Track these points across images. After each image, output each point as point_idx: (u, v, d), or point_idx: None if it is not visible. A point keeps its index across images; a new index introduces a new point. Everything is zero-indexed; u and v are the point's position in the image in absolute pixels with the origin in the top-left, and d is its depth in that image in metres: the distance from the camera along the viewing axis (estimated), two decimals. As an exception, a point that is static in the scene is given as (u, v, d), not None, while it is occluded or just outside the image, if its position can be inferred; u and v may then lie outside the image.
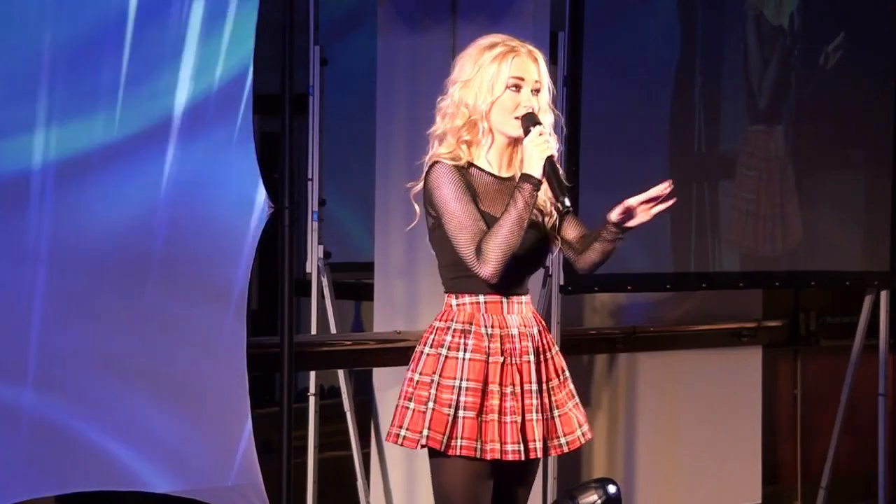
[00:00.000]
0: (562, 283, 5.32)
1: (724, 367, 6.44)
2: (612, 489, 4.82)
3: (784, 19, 6.01)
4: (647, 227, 5.58)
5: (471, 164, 3.46)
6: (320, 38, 6.01)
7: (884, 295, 6.40)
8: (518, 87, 3.43)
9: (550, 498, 5.39)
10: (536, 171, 3.36)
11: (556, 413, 3.47)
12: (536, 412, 3.41)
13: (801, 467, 7.38)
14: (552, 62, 5.36)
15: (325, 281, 5.97)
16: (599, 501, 4.74)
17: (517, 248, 3.35)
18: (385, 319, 5.94)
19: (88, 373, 4.35)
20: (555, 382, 3.49)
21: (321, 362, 5.65)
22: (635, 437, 6.18)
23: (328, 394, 6.48)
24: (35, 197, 4.25)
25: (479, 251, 3.33)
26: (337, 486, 6.13)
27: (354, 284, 6.72)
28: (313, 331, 6.05)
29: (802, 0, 6.03)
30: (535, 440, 3.40)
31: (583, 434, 3.52)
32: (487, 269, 3.34)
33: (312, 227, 5.94)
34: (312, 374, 5.93)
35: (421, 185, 3.47)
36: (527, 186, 3.35)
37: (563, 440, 3.48)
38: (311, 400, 5.89)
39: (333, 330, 6.04)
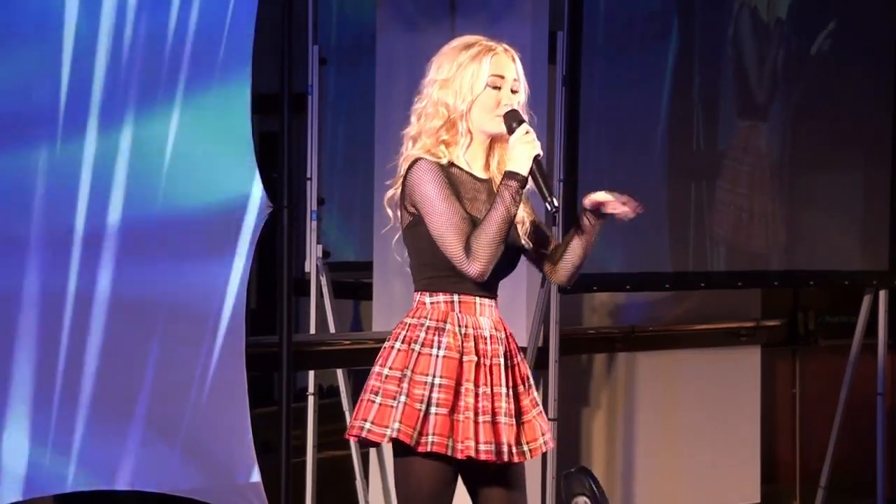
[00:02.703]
0: (560, 282, 5.31)
1: (722, 367, 6.45)
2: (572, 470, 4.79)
3: (779, 14, 6.02)
4: (645, 227, 5.63)
5: (451, 164, 3.43)
6: (319, 37, 6.02)
7: (882, 294, 6.40)
8: (498, 86, 3.41)
9: (549, 498, 5.39)
10: (523, 168, 3.34)
11: (521, 419, 3.44)
12: (506, 416, 3.38)
13: (799, 466, 7.39)
14: (551, 62, 5.37)
15: (323, 280, 5.97)
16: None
17: (503, 245, 3.33)
18: (384, 319, 5.94)
19: (86, 371, 4.35)
20: (521, 389, 3.46)
21: (320, 362, 5.65)
22: (634, 436, 6.18)
23: (327, 393, 6.48)
24: (33, 195, 4.26)
25: (468, 249, 3.31)
26: (336, 486, 6.13)
27: (353, 284, 6.72)
28: (312, 330, 6.05)
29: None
30: (503, 443, 3.36)
31: (544, 443, 3.49)
32: (477, 267, 3.32)
33: (311, 227, 5.94)
34: (311, 373, 5.94)
35: (397, 188, 3.45)
36: (513, 184, 3.32)
37: (525, 447, 3.45)
38: (310, 399, 5.89)
39: (332, 329, 6.04)
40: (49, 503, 4.91)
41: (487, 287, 3.43)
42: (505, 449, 3.37)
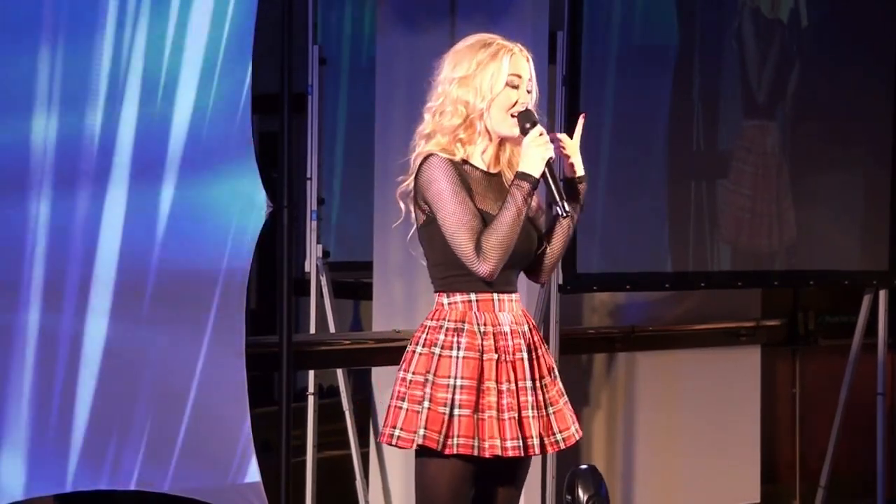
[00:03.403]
0: (560, 282, 5.32)
1: (722, 367, 6.45)
2: (583, 467, 4.79)
3: (781, 14, 6.02)
4: (646, 227, 5.63)
5: (465, 161, 3.43)
6: (319, 37, 6.02)
7: (882, 294, 6.40)
8: (516, 86, 3.41)
9: (549, 497, 5.39)
10: (536, 170, 3.34)
11: (550, 410, 3.46)
12: (532, 409, 3.39)
13: (799, 466, 7.38)
14: (551, 61, 5.36)
15: (323, 280, 5.98)
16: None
17: (513, 246, 3.34)
18: (384, 319, 5.94)
19: (86, 371, 4.35)
20: (547, 380, 3.48)
21: (320, 362, 5.65)
22: (634, 436, 6.18)
23: (327, 393, 6.49)
24: (32, 200, 4.26)
25: (479, 249, 3.32)
26: (336, 486, 6.13)
27: (353, 284, 6.72)
28: (312, 330, 6.05)
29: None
30: (532, 437, 3.39)
31: (576, 430, 3.53)
32: (487, 266, 3.33)
33: (311, 227, 5.94)
34: (311, 373, 5.94)
35: (410, 181, 3.43)
36: (525, 185, 3.33)
37: (559, 436, 3.48)
38: (310, 399, 5.89)
39: (332, 329, 6.04)
40: (49, 503, 4.91)
41: (505, 283, 3.44)
42: (533, 442, 3.39)
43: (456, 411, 3.33)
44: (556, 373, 3.53)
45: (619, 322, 6.23)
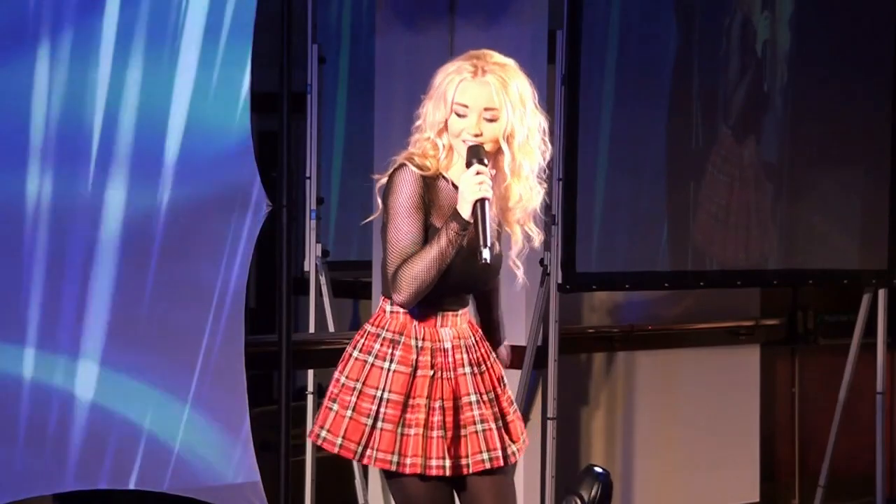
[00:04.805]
0: (560, 281, 5.32)
1: (721, 366, 6.45)
2: (598, 470, 4.80)
3: (778, 13, 6.02)
4: (645, 226, 5.63)
5: (440, 175, 3.38)
6: (318, 36, 6.02)
7: (882, 293, 6.40)
8: (461, 114, 3.32)
9: (549, 497, 5.40)
10: (465, 211, 3.27)
11: (500, 423, 3.43)
12: (482, 422, 3.37)
13: (798, 466, 7.39)
14: (550, 61, 5.36)
15: (323, 279, 5.98)
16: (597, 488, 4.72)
17: (434, 282, 3.28)
18: (383, 318, 5.93)
19: (85, 371, 4.35)
20: (498, 390, 3.45)
21: (319, 361, 5.65)
22: (633, 435, 6.18)
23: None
24: (31, 200, 4.26)
25: (394, 277, 3.28)
26: (335, 485, 6.14)
27: (352, 283, 6.72)
28: (311, 329, 6.06)
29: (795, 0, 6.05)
30: (467, 455, 3.35)
31: (523, 442, 3.49)
32: (399, 297, 3.29)
33: (310, 226, 5.95)
34: (310, 372, 5.94)
35: (383, 180, 3.39)
36: (454, 225, 3.27)
37: (514, 448, 3.44)
38: (310, 398, 5.90)
39: (331, 328, 6.05)
40: (49, 503, 4.91)
41: (454, 301, 3.41)
42: (486, 457, 3.34)
43: (379, 424, 3.32)
44: (505, 382, 3.50)
45: (619, 321, 6.23)
